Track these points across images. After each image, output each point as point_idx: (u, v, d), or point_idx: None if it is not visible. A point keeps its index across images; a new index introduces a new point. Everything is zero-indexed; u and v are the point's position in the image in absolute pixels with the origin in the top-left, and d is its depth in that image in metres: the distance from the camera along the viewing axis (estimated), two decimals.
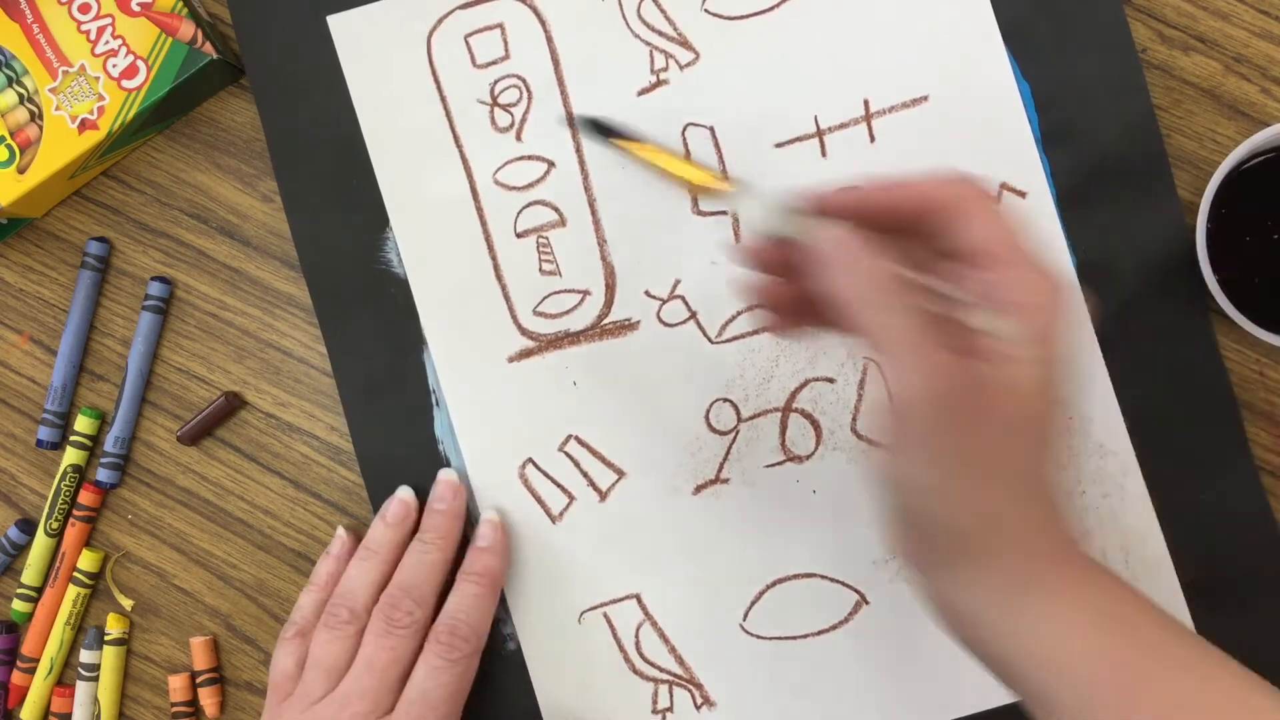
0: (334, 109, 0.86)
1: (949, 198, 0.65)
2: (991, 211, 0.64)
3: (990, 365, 0.62)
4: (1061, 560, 0.66)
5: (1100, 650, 0.64)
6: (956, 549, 0.66)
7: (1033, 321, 0.62)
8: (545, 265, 0.85)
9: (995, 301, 0.63)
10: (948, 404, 0.62)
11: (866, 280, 0.64)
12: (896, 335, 0.63)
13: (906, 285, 0.64)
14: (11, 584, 0.90)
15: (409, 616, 0.80)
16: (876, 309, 0.64)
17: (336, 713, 0.78)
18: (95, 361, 0.89)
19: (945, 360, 0.61)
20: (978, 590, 0.67)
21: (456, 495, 0.85)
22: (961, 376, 0.61)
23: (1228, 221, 0.78)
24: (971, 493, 0.64)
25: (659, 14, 0.85)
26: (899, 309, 0.63)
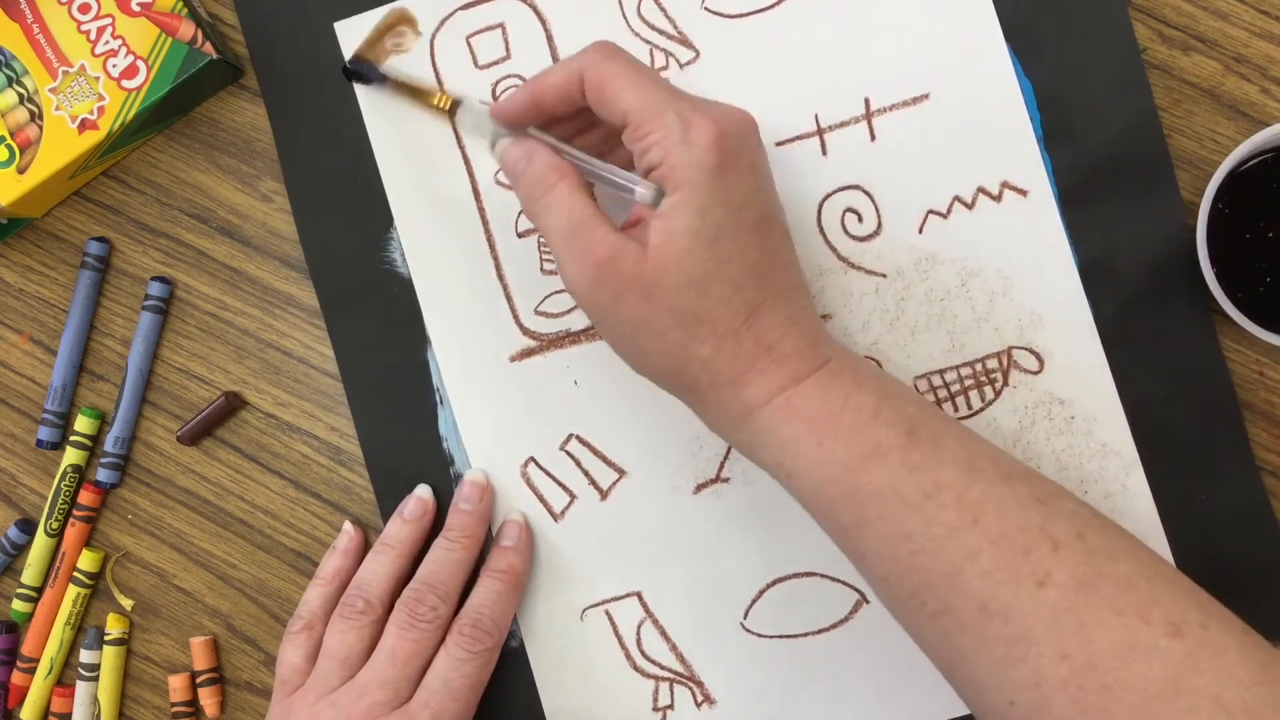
0: (340, 111, 0.87)
1: (592, 72, 0.71)
2: (634, 79, 0.70)
3: (636, 235, 0.68)
4: (770, 379, 0.70)
5: (816, 457, 0.69)
6: (671, 389, 0.74)
7: (673, 179, 0.67)
8: (546, 265, 0.86)
9: (642, 168, 0.69)
10: (595, 285, 0.68)
11: (529, 183, 0.71)
12: (557, 232, 0.70)
13: (564, 175, 0.71)
14: (11, 584, 0.90)
15: (433, 611, 0.81)
16: (540, 209, 0.71)
17: (355, 701, 0.78)
18: (95, 361, 0.89)
19: (594, 245, 0.68)
20: (713, 422, 0.73)
21: (484, 496, 0.85)
22: (606, 258, 0.68)
23: (1228, 221, 0.78)
24: (648, 354, 0.71)
25: (659, 12, 0.85)
26: (558, 205, 0.70)
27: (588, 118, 0.76)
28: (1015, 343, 0.83)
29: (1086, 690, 0.61)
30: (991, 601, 0.64)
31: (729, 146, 0.67)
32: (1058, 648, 0.62)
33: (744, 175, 0.69)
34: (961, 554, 0.65)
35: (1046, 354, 0.83)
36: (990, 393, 0.83)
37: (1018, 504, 0.66)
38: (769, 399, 0.69)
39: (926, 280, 0.83)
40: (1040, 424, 0.83)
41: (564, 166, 0.71)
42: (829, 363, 0.70)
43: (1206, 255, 0.76)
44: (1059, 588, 0.63)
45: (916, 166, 0.83)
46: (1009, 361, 0.83)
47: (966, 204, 0.83)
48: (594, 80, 0.70)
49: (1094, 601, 0.63)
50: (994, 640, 0.64)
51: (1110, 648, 0.62)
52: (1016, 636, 0.63)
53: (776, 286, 0.70)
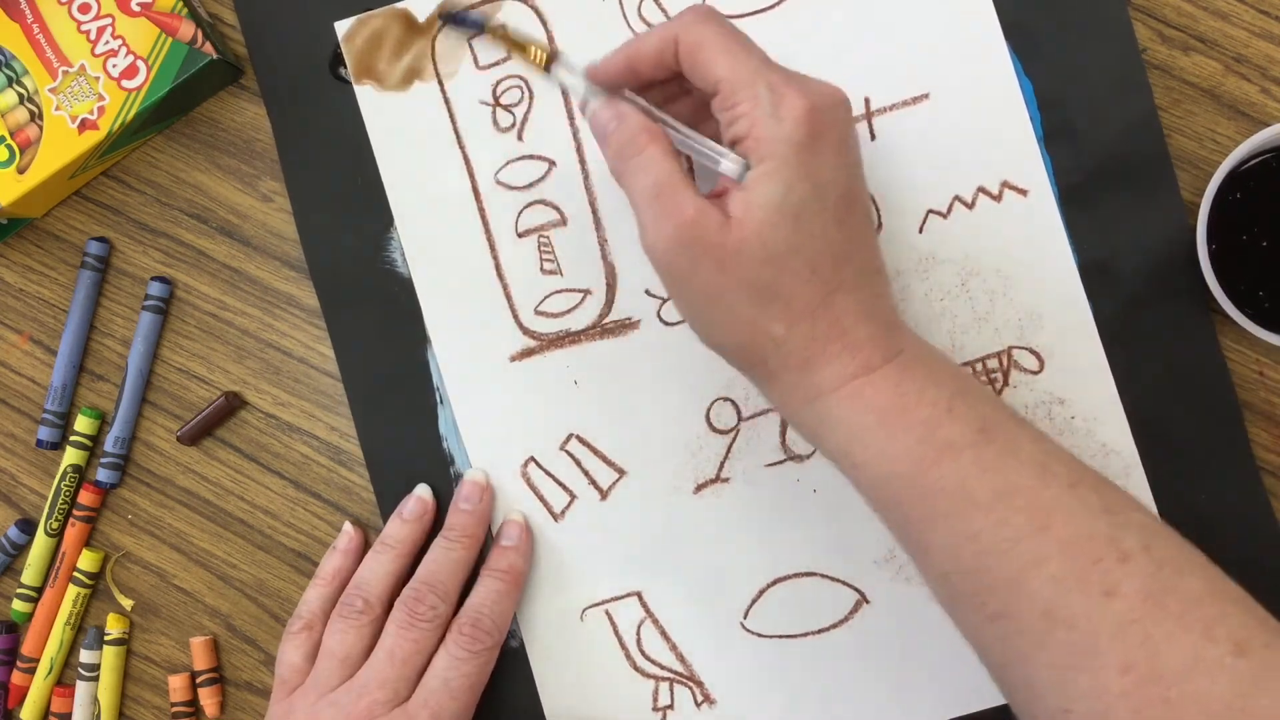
0: (340, 111, 0.87)
1: (688, 37, 0.70)
2: (727, 47, 0.68)
3: (721, 208, 0.67)
4: (843, 365, 0.68)
5: (885, 448, 0.68)
6: (739, 365, 0.72)
7: (759, 151, 0.66)
8: (546, 265, 0.86)
9: (729, 138, 0.68)
10: (676, 247, 0.67)
11: (620, 144, 0.70)
12: (643, 192, 0.68)
13: (655, 139, 0.69)
14: (11, 584, 0.90)
15: (432, 610, 0.81)
16: (629, 169, 0.70)
17: (354, 701, 0.79)
18: (95, 361, 0.89)
19: (679, 206, 0.66)
20: (777, 400, 0.72)
21: (484, 496, 0.85)
22: (688, 221, 0.66)
23: (1228, 221, 0.78)
24: (719, 326, 0.70)
25: (660, 13, 0.85)
26: (647, 166, 0.68)
27: (680, 85, 0.75)
28: (1015, 343, 0.83)
29: (1148, 703, 0.61)
30: (1057, 608, 0.63)
31: (819, 121, 0.66)
32: (1122, 659, 0.62)
33: (831, 152, 0.67)
34: (1030, 558, 0.64)
35: (1047, 354, 0.83)
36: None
37: (1088, 512, 0.65)
38: (840, 385, 0.68)
39: (926, 280, 0.83)
40: (1041, 424, 0.83)
41: (655, 130, 0.69)
42: (903, 353, 0.69)
43: (1207, 255, 0.76)
44: (1126, 599, 0.62)
45: (916, 166, 0.83)
46: (1009, 361, 0.83)
47: (966, 204, 0.83)
48: (688, 45, 0.69)
49: (1160, 615, 0.62)
50: (1056, 647, 0.63)
51: (1175, 663, 0.61)
52: (1080, 645, 0.63)
53: (855, 269, 0.69)
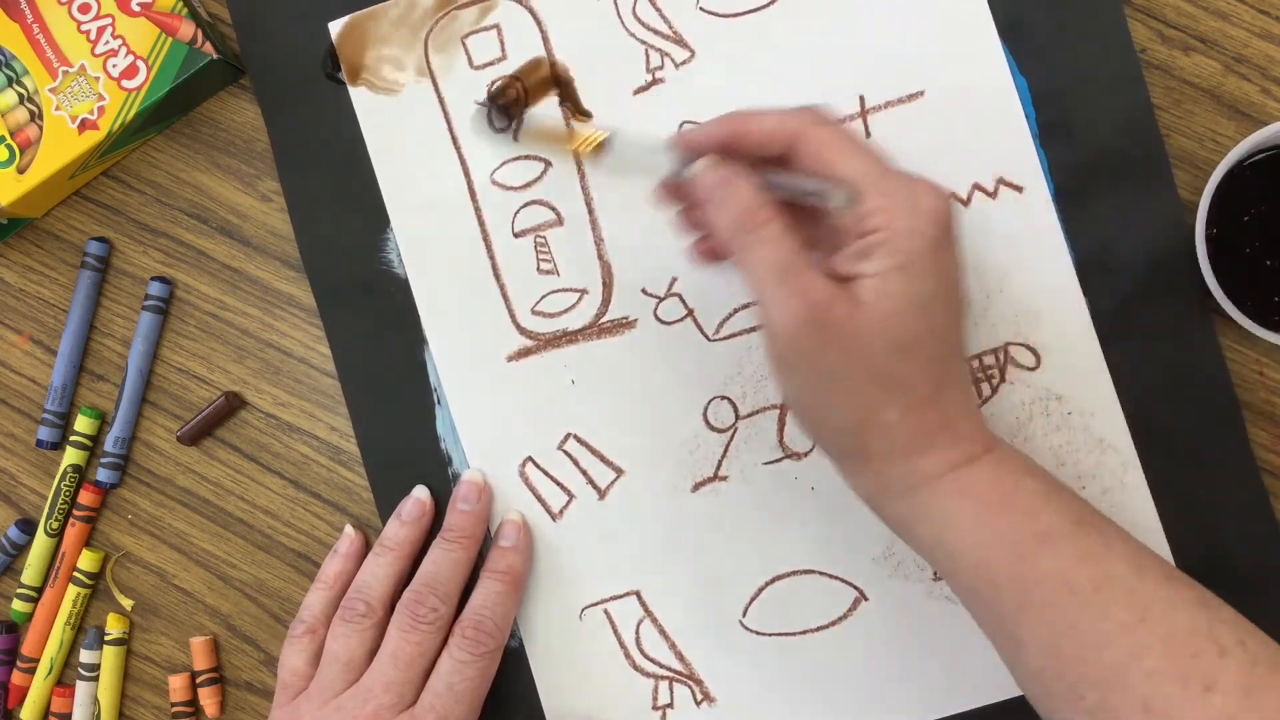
0: (335, 111, 0.87)
1: (801, 132, 0.69)
2: (845, 143, 0.68)
3: (849, 293, 0.66)
4: (946, 455, 0.69)
5: (983, 537, 0.68)
6: (840, 451, 0.72)
7: (894, 244, 0.65)
8: (543, 264, 0.86)
9: (865, 233, 0.67)
10: (805, 328, 0.66)
11: (735, 210, 0.69)
12: (767, 269, 0.67)
13: (777, 213, 0.68)
14: (11, 584, 0.90)
15: (434, 612, 0.81)
16: (745, 240, 0.68)
17: (360, 705, 0.79)
18: (95, 361, 0.89)
19: (810, 288, 0.66)
20: (870, 485, 0.72)
21: (481, 496, 0.85)
22: (820, 302, 0.65)
23: (1227, 220, 0.78)
24: (832, 410, 0.69)
25: (654, 13, 0.85)
26: (767, 239, 0.67)
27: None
28: (1012, 339, 0.83)
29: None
30: (1157, 702, 0.62)
31: (947, 223, 0.67)
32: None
33: (954, 250, 0.68)
34: (1129, 651, 0.64)
35: (1043, 350, 0.83)
36: (987, 389, 0.83)
37: (1185, 606, 0.65)
38: (941, 474, 0.69)
39: None
40: (1038, 420, 0.83)
41: (775, 203, 0.68)
42: (999, 447, 0.70)
43: (1206, 254, 0.76)
44: (1225, 694, 0.62)
45: (912, 164, 0.81)
46: (1006, 358, 0.83)
47: (962, 201, 0.83)
48: (814, 143, 0.68)
49: (1258, 712, 0.62)
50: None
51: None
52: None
53: (961, 365, 0.70)
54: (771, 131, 0.70)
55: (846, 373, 0.67)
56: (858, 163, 0.67)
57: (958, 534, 0.68)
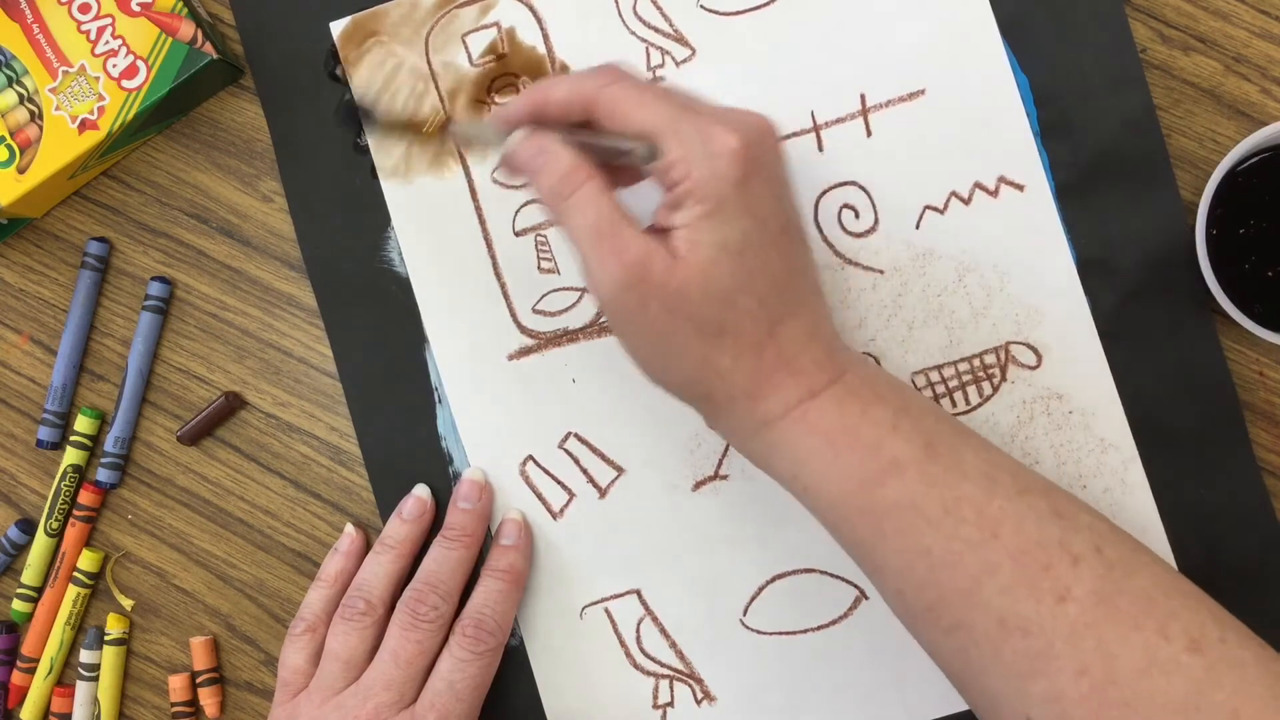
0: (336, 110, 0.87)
1: (596, 95, 0.70)
2: (638, 97, 0.69)
3: (666, 247, 0.67)
4: (787, 393, 0.69)
5: (832, 472, 0.69)
6: (686, 399, 0.73)
7: (698, 192, 0.66)
8: (544, 263, 0.86)
9: (670, 184, 0.68)
10: (623, 288, 0.67)
11: (551, 177, 0.70)
12: (584, 231, 0.68)
13: (593, 174, 0.69)
14: (11, 584, 0.90)
15: (434, 611, 0.81)
16: (567, 209, 0.69)
17: (360, 703, 0.79)
18: (95, 361, 0.89)
19: (624, 246, 0.67)
20: (725, 430, 0.74)
21: (482, 494, 0.85)
22: (635, 261, 0.66)
23: (1227, 220, 0.78)
24: (667, 363, 0.71)
25: (655, 11, 0.85)
26: (586, 205, 0.68)
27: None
28: (1013, 338, 0.83)
29: (1106, 705, 0.62)
30: (1011, 616, 0.64)
31: (751, 156, 0.67)
32: (1077, 663, 0.62)
33: (767, 184, 0.68)
34: (981, 569, 0.65)
35: (1044, 349, 0.83)
36: (988, 388, 0.83)
37: (1037, 518, 0.66)
38: (785, 412, 0.69)
39: (924, 276, 0.83)
40: (1039, 419, 0.83)
41: (588, 166, 0.69)
42: (845, 375, 0.70)
43: (1206, 255, 0.76)
44: (1079, 603, 0.63)
45: (913, 162, 0.83)
46: (1007, 357, 0.83)
47: (963, 199, 0.83)
48: (606, 104, 0.69)
49: (1113, 617, 0.63)
50: (1012, 655, 0.64)
51: (1130, 663, 0.62)
52: (1036, 651, 0.63)
53: (797, 296, 0.70)
54: (568, 98, 0.71)
55: (673, 327, 0.68)
56: (652, 114, 0.68)
57: (808, 470, 0.69)
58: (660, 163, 0.67)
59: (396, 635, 0.81)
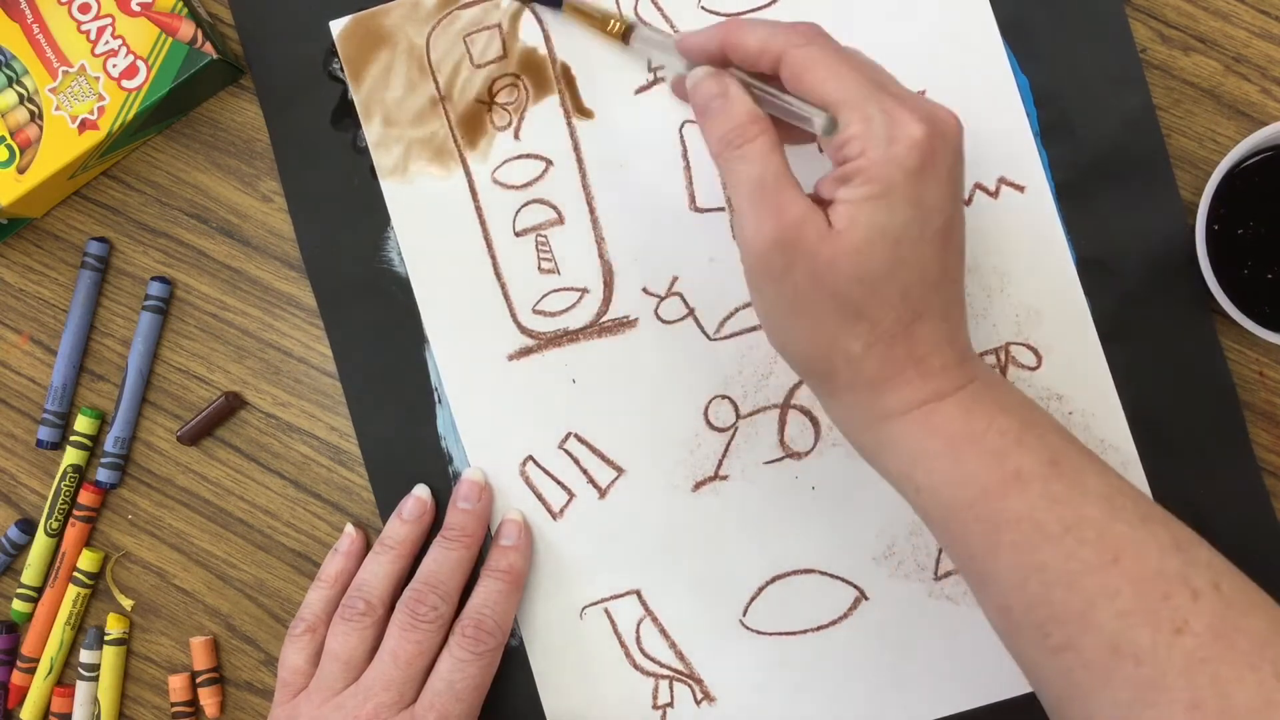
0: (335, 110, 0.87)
1: (787, 52, 0.69)
2: (829, 65, 0.67)
3: (823, 217, 0.66)
4: (913, 390, 0.68)
5: (951, 476, 0.67)
6: (806, 374, 0.72)
7: (870, 172, 0.65)
8: (544, 263, 0.86)
9: (843, 160, 0.66)
10: (774, 246, 0.66)
11: (725, 125, 0.69)
12: (747, 183, 0.67)
13: (766, 129, 0.68)
14: (11, 584, 0.90)
15: (434, 611, 0.81)
16: (734, 158, 0.69)
17: (361, 704, 0.79)
18: (95, 361, 0.89)
19: (785, 205, 0.66)
20: (838, 413, 0.72)
21: (482, 495, 0.85)
22: (792, 222, 0.66)
23: (1227, 220, 0.78)
24: (797, 333, 0.70)
25: (656, 12, 0.85)
26: (755, 157, 0.68)
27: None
28: (1013, 339, 0.83)
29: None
30: (1125, 643, 0.62)
31: (932, 149, 0.66)
32: (1191, 696, 0.61)
33: (940, 180, 0.66)
34: (1098, 591, 0.63)
35: (1044, 350, 0.83)
36: None
37: (1158, 548, 0.65)
38: (907, 410, 0.68)
39: None
40: None
41: (764, 120, 0.69)
42: (974, 382, 0.69)
43: (1206, 255, 0.76)
44: (1196, 636, 0.62)
45: None
46: (1007, 358, 0.83)
47: (964, 200, 0.83)
48: (795, 65, 0.68)
49: (1230, 654, 0.62)
50: (1122, 682, 0.63)
51: (1245, 702, 0.60)
52: (1148, 681, 0.62)
53: (941, 299, 0.69)
54: (758, 48, 0.70)
55: (811, 298, 0.67)
56: (842, 86, 0.67)
57: (925, 471, 0.68)
58: (838, 136, 0.66)
59: (396, 635, 0.81)
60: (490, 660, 0.82)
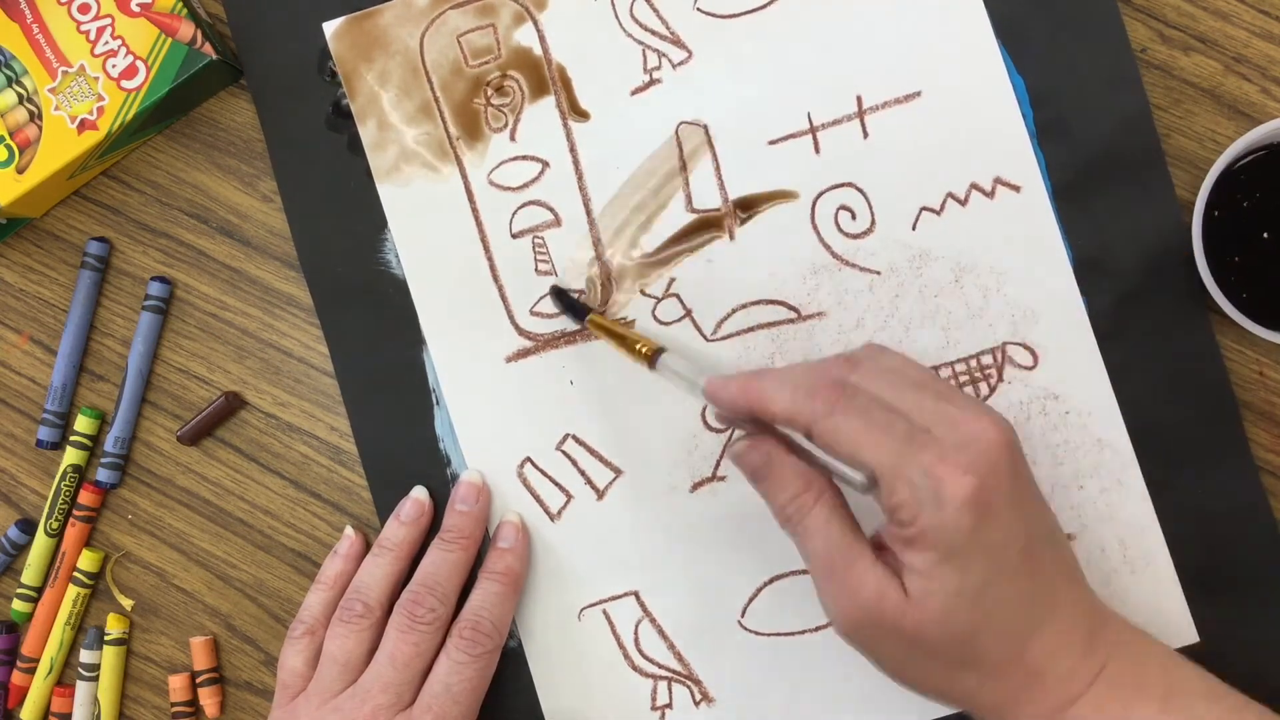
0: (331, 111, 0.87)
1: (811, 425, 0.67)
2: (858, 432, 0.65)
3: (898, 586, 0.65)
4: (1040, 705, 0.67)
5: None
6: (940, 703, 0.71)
7: (927, 539, 0.64)
8: (541, 265, 0.86)
9: (893, 523, 0.65)
10: (858, 626, 0.66)
11: (780, 497, 0.69)
12: (816, 560, 0.68)
13: (820, 495, 0.68)
14: (11, 584, 0.90)
15: (432, 613, 0.81)
16: (797, 531, 0.69)
17: (359, 706, 0.79)
18: (95, 361, 0.89)
19: (858, 586, 0.65)
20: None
21: (480, 497, 0.85)
22: (869, 603, 0.65)
23: (1224, 219, 0.78)
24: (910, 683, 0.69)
25: (651, 13, 0.85)
26: (817, 531, 0.67)
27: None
28: (1009, 339, 0.83)
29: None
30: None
31: (985, 499, 0.63)
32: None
33: (1002, 516, 0.64)
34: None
35: (1041, 350, 0.83)
36: (985, 389, 0.83)
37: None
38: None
39: (920, 277, 0.83)
40: (1035, 419, 0.83)
41: (819, 483, 0.68)
42: (1106, 668, 0.67)
43: (1202, 253, 0.76)
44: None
45: (909, 163, 0.83)
46: (1003, 357, 0.83)
47: (960, 200, 0.83)
48: (824, 437, 0.66)
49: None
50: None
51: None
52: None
53: (1047, 604, 0.67)
54: (787, 417, 0.68)
55: (911, 657, 0.67)
56: (874, 454, 0.64)
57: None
58: (885, 502, 0.65)
59: (394, 637, 0.81)
60: (488, 662, 0.82)
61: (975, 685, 0.67)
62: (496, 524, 0.86)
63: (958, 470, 0.63)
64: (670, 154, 0.85)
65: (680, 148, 0.85)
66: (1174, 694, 0.67)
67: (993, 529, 0.64)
